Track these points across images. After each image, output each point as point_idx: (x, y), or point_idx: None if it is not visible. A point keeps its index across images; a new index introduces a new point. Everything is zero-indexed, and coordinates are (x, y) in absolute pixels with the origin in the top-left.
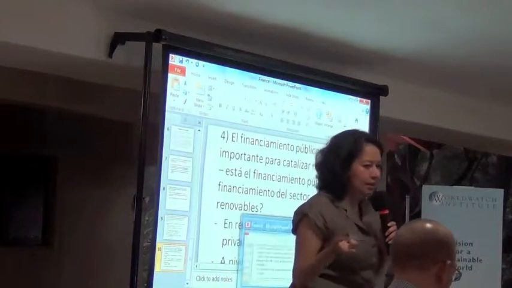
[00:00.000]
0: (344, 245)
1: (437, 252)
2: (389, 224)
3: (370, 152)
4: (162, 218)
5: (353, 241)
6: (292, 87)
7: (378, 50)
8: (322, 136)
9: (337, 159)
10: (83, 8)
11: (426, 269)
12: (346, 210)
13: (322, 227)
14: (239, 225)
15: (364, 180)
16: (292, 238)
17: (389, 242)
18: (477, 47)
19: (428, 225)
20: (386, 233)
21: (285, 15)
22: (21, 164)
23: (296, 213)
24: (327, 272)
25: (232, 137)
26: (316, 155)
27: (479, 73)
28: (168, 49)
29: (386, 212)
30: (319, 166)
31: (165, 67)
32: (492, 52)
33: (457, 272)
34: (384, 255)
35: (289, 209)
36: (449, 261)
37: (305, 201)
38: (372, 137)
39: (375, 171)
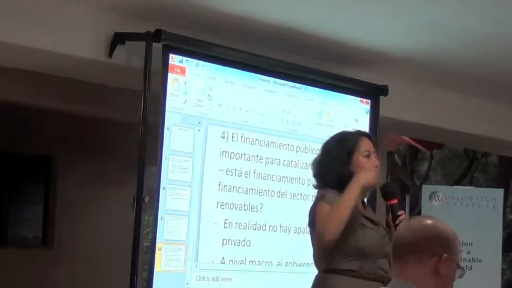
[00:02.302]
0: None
1: (433, 246)
2: (399, 213)
3: (366, 143)
4: (162, 218)
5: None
6: (292, 87)
7: (378, 50)
8: (322, 136)
9: (337, 159)
10: (83, 8)
11: (423, 263)
12: None
13: None
14: (239, 225)
15: (368, 170)
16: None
17: None
18: (477, 47)
19: (427, 221)
20: (397, 222)
21: (285, 15)
22: (21, 163)
23: (312, 208)
24: (346, 267)
25: (232, 137)
26: (312, 165)
27: (479, 73)
28: (168, 49)
29: (395, 201)
30: (319, 173)
31: (165, 67)
32: (492, 52)
33: (460, 269)
34: None
35: (289, 209)
36: (445, 255)
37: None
38: (362, 131)
39: (375, 160)
